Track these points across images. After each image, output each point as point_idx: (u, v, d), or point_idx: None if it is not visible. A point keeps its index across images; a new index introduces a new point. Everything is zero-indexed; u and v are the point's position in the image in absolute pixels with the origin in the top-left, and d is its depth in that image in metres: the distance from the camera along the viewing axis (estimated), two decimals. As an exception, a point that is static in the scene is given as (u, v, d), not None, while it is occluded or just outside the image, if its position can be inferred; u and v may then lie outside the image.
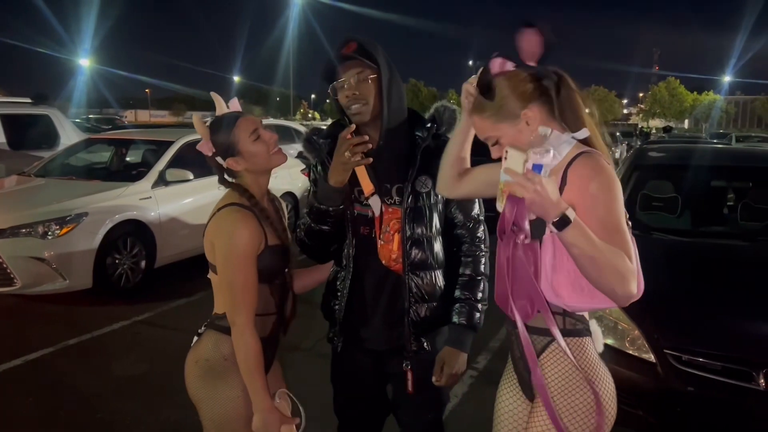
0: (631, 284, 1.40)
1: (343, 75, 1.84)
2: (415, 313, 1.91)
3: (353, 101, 1.84)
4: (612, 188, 1.45)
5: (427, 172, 1.90)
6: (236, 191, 1.82)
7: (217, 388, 1.79)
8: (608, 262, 1.38)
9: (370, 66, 1.82)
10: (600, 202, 1.44)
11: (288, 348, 4.17)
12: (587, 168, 1.46)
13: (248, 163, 1.82)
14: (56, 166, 6.91)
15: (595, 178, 1.45)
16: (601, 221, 1.43)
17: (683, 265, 3.47)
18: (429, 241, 1.92)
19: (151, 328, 4.98)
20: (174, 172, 6.14)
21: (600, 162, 1.47)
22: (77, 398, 3.74)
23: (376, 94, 1.83)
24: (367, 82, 1.82)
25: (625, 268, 1.39)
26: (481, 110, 1.55)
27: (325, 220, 1.90)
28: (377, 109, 1.85)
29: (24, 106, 9.02)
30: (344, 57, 1.83)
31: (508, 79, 1.52)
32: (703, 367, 2.72)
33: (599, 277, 1.40)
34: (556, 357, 1.59)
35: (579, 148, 1.54)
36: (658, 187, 4.52)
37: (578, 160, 1.48)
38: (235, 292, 1.73)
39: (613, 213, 1.43)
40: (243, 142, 1.80)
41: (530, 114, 1.51)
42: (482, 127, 1.57)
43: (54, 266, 5.12)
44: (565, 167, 1.50)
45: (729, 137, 24.42)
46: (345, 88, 1.84)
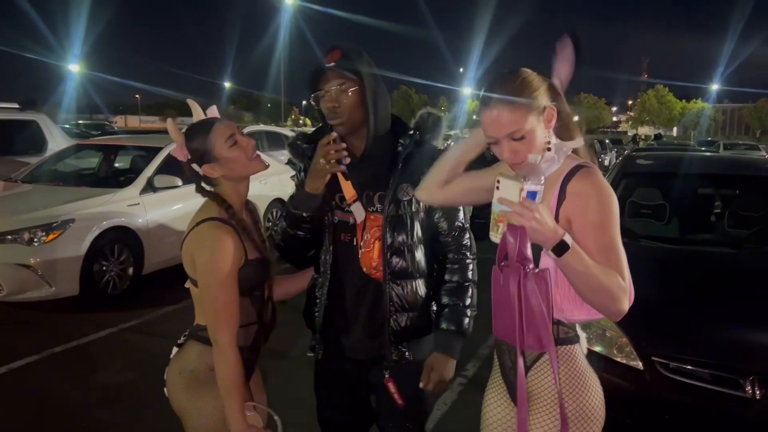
0: (623, 303, 1.44)
1: (325, 85, 1.83)
2: (395, 322, 1.90)
3: (333, 113, 1.83)
4: (610, 207, 1.47)
5: (408, 180, 1.89)
6: (215, 202, 1.78)
7: (203, 398, 1.77)
8: (600, 283, 1.42)
9: (352, 78, 1.81)
10: (598, 221, 1.46)
11: (276, 356, 4.15)
12: (587, 185, 1.48)
13: (225, 169, 1.78)
14: (44, 172, 6.86)
15: (595, 197, 1.47)
16: (597, 239, 1.46)
17: (671, 272, 3.48)
18: (410, 250, 1.91)
19: (138, 336, 4.94)
20: (162, 179, 6.10)
21: (599, 179, 1.49)
22: (62, 407, 3.70)
23: (357, 105, 1.82)
24: (347, 93, 1.81)
25: (616, 288, 1.42)
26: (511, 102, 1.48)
27: (300, 225, 1.89)
28: (359, 119, 1.84)
29: (11, 111, 8.95)
30: (327, 67, 1.82)
31: (538, 75, 1.53)
32: (691, 375, 2.72)
33: (591, 296, 1.45)
34: (548, 366, 1.60)
35: (573, 159, 1.55)
36: (647, 195, 4.54)
37: (578, 175, 1.50)
38: (218, 310, 1.70)
39: (610, 231, 1.46)
40: (219, 148, 1.75)
41: (552, 112, 1.52)
42: (512, 119, 1.47)
43: (40, 273, 5.06)
44: (562, 180, 1.51)
45: (717, 145, 24.70)
46: (326, 99, 1.83)
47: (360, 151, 1.91)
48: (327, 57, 1.83)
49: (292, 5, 48.18)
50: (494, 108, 1.49)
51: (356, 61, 1.82)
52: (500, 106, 1.48)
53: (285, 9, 48.94)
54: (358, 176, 1.90)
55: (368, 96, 1.82)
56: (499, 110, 1.48)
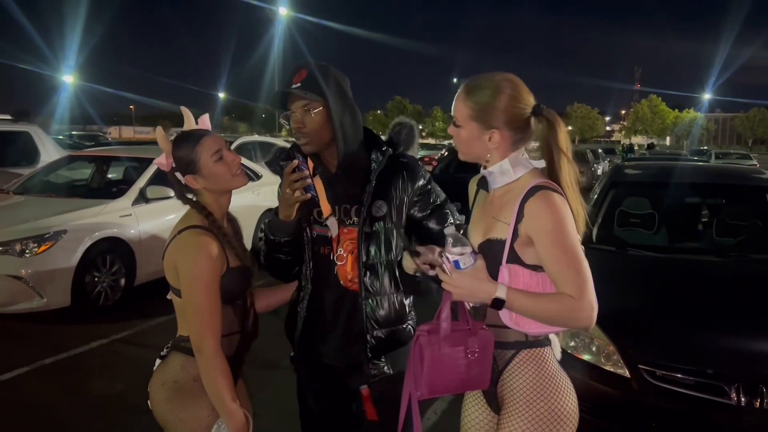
0: (580, 321, 1.52)
1: (290, 106, 1.85)
2: (371, 337, 1.91)
3: (299, 134, 1.85)
4: (564, 226, 1.54)
5: (382, 196, 1.91)
6: (196, 210, 1.81)
7: (187, 409, 1.78)
8: (550, 314, 1.54)
9: (316, 99, 1.82)
10: (554, 239, 1.53)
11: (267, 365, 4.14)
12: (542, 207, 1.55)
13: (207, 182, 1.81)
14: (36, 183, 6.86)
15: (549, 219, 1.54)
16: (554, 257, 1.53)
17: (658, 280, 3.52)
18: (384, 267, 1.92)
19: (129, 347, 4.93)
20: (155, 190, 6.11)
21: (552, 200, 1.56)
22: (52, 419, 3.69)
23: (323, 124, 1.84)
24: (311, 114, 1.82)
25: (569, 312, 1.51)
26: (472, 95, 1.63)
27: (279, 249, 1.93)
28: (326, 137, 1.86)
29: (4, 122, 8.96)
30: (289, 90, 1.83)
31: (516, 93, 1.62)
32: (677, 382, 2.75)
33: (548, 323, 1.57)
34: (520, 369, 1.64)
35: (535, 176, 1.63)
36: (635, 204, 4.58)
37: (535, 196, 1.57)
38: (202, 318, 1.71)
39: (566, 250, 1.53)
40: (204, 161, 1.78)
41: (496, 137, 1.62)
42: (459, 108, 1.66)
43: (31, 284, 5.06)
44: (521, 199, 1.58)
45: (708, 154, 24.87)
46: (293, 120, 1.86)
47: (334, 166, 1.92)
48: (294, 77, 1.85)
49: (286, 16, 48.36)
50: (461, 88, 1.68)
51: (322, 80, 1.83)
52: (461, 92, 1.67)
53: (279, 20, 49.11)
54: (334, 191, 1.93)
55: (334, 115, 1.83)
56: (459, 94, 1.67)
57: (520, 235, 1.57)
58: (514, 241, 1.58)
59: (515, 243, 1.58)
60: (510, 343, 1.65)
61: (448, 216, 2.02)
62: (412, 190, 1.96)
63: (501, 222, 1.62)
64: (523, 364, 1.64)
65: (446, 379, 1.59)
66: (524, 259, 1.58)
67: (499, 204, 1.67)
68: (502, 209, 1.64)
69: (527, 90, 1.64)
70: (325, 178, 1.92)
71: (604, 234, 4.17)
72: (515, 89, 1.62)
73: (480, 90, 1.62)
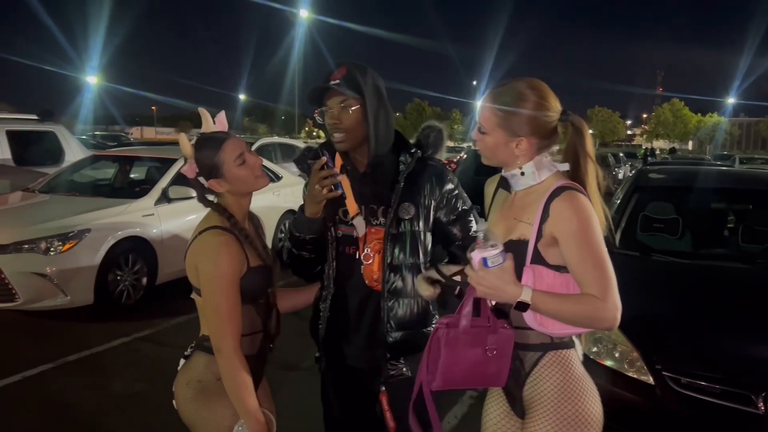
0: (604, 322, 1.51)
1: (328, 102, 1.87)
2: (392, 338, 1.91)
3: (335, 130, 1.87)
4: (590, 227, 1.54)
5: (410, 198, 1.92)
6: (217, 212, 1.83)
7: (211, 408, 1.79)
8: (575, 316, 1.52)
9: (354, 96, 1.83)
10: (579, 240, 1.53)
11: (287, 367, 4.17)
12: (567, 207, 1.55)
13: (230, 185, 1.82)
14: (61, 182, 6.95)
15: (574, 218, 1.54)
16: (579, 257, 1.53)
17: (683, 287, 3.47)
18: (409, 269, 1.92)
19: (151, 345, 4.98)
20: (177, 190, 6.16)
21: (578, 200, 1.56)
22: (76, 415, 3.74)
23: (358, 122, 1.85)
24: (349, 111, 1.84)
25: (594, 312, 1.50)
26: (498, 102, 1.63)
27: (303, 246, 1.93)
28: (361, 136, 1.87)
29: (30, 122, 9.10)
30: (328, 86, 1.85)
31: (543, 100, 1.61)
32: (702, 390, 2.70)
33: (573, 324, 1.56)
34: (546, 372, 1.63)
35: (558, 178, 1.63)
36: (659, 209, 4.52)
37: (560, 197, 1.56)
38: (222, 318, 1.72)
39: (592, 250, 1.52)
40: (227, 165, 1.80)
41: (524, 144, 1.62)
42: (486, 115, 1.65)
43: (56, 282, 5.13)
44: (546, 199, 1.58)
45: (733, 159, 24.48)
46: (328, 116, 1.87)
47: (363, 165, 1.94)
48: (333, 73, 1.87)
49: (307, 19, 48.61)
50: (486, 97, 1.67)
51: (360, 79, 1.85)
52: (488, 100, 1.66)
53: (300, 22, 49.38)
54: (361, 190, 1.93)
55: (369, 114, 1.85)
56: (486, 101, 1.66)
57: (544, 236, 1.57)
58: (537, 242, 1.58)
59: (539, 243, 1.58)
60: (535, 345, 1.64)
61: (472, 223, 2.02)
62: (440, 193, 1.96)
63: (524, 223, 1.62)
64: (549, 367, 1.63)
65: (462, 373, 1.59)
66: (548, 260, 1.58)
67: (520, 205, 1.67)
68: (524, 210, 1.64)
69: (554, 96, 1.64)
70: (353, 177, 1.93)
71: (627, 239, 4.12)
72: (542, 96, 1.61)
73: (507, 97, 1.62)
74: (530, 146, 1.63)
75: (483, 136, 1.67)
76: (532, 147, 1.63)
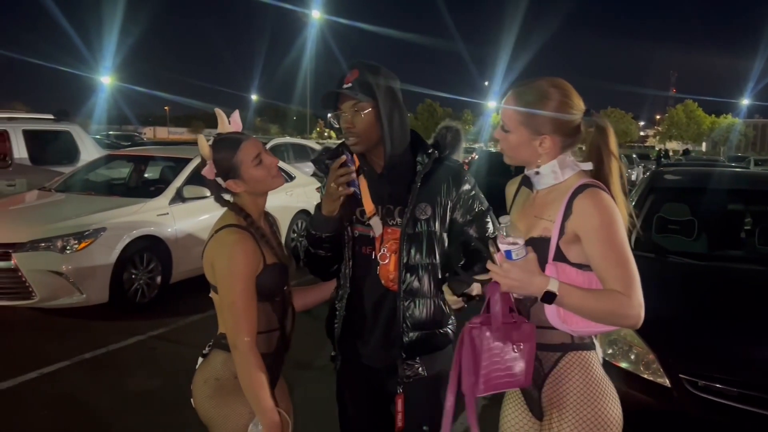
0: (629, 319, 1.49)
1: (341, 106, 1.87)
2: (408, 338, 1.91)
3: (348, 133, 1.87)
4: (613, 223, 1.53)
5: (427, 199, 1.91)
6: (233, 211, 1.84)
7: (229, 406, 1.80)
8: (600, 311, 1.50)
9: (366, 99, 1.83)
10: (602, 237, 1.52)
11: (300, 366, 4.18)
12: (591, 204, 1.54)
13: (247, 185, 1.84)
14: (76, 181, 7.03)
15: (597, 215, 1.53)
16: (602, 254, 1.52)
17: (699, 289, 3.44)
18: (426, 269, 1.92)
19: (165, 343, 5.02)
20: (191, 189, 6.21)
21: (602, 197, 1.55)
22: (91, 412, 3.77)
23: (372, 124, 1.85)
24: (361, 115, 1.84)
25: (619, 308, 1.48)
26: (522, 100, 1.62)
27: (320, 245, 1.93)
28: (375, 138, 1.87)
29: (46, 122, 9.18)
30: (340, 90, 1.85)
31: (567, 99, 1.61)
32: (720, 393, 2.68)
33: (597, 320, 1.53)
34: (566, 373, 1.63)
35: (581, 176, 1.62)
36: (674, 210, 4.49)
37: (583, 193, 1.56)
38: (237, 315, 1.74)
39: (615, 247, 1.51)
40: (245, 166, 1.81)
41: (547, 143, 1.62)
42: (509, 113, 1.65)
43: (72, 280, 5.18)
44: (569, 197, 1.57)
45: (747, 161, 24.23)
46: (342, 120, 1.87)
47: (379, 166, 1.94)
48: (345, 76, 1.87)
49: (319, 19, 48.73)
50: (509, 95, 1.66)
51: (373, 81, 1.84)
52: (512, 98, 1.65)
53: (311, 23, 49.52)
54: (378, 191, 1.93)
55: (383, 116, 1.84)
56: (509, 99, 1.65)
57: (566, 233, 1.56)
58: (559, 239, 1.57)
59: (561, 241, 1.57)
60: (556, 345, 1.63)
61: (488, 224, 2.01)
62: (457, 194, 1.96)
63: (545, 220, 1.62)
64: (569, 367, 1.62)
65: (498, 374, 1.57)
66: (570, 258, 1.57)
67: (542, 203, 1.67)
68: (546, 208, 1.64)
69: (577, 95, 1.64)
70: (370, 178, 1.93)
71: (642, 240, 4.10)
72: (566, 95, 1.61)
73: (530, 96, 1.62)
74: (554, 145, 1.62)
75: (506, 134, 1.66)
76: (555, 145, 1.63)
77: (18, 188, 7.80)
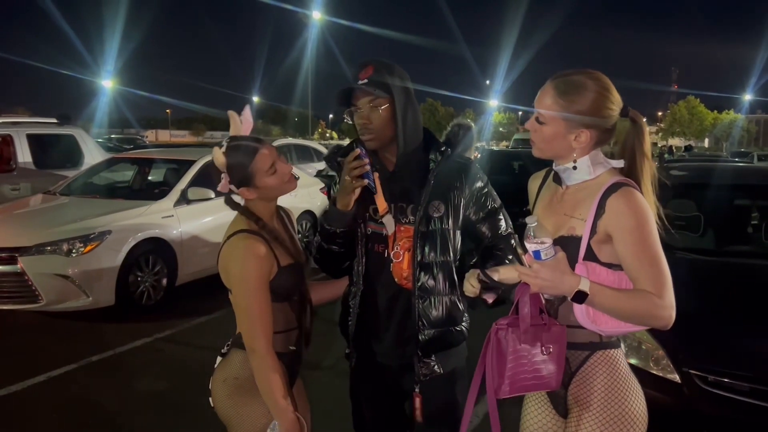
0: (660, 320, 1.47)
1: (357, 102, 1.87)
2: (423, 337, 1.91)
3: (365, 130, 1.87)
4: (647, 223, 1.51)
5: (440, 196, 1.91)
6: (244, 215, 1.84)
7: (247, 405, 1.80)
8: (632, 311, 1.48)
9: (383, 95, 1.83)
10: (635, 237, 1.50)
11: (310, 366, 4.15)
12: (624, 204, 1.52)
13: (261, 193, 1.84)
14: (80, 184, 7.04)
15: (631, 214, 1.51)
16: (635, 254, 1.50)
17: (707, 284, 3.43)
18: (440, 267, 1.91)
19: (172, 345, 5.01)
20: (196, 191, 6.21)
21: (636, 196, 1.53)
22: (99, 415, 3.77)
23: (388, 121, 1.85)
24: (378, 111, 1.84)
25: (651, 309, 1.47)
26: (562, 92, 1.57)
27: (333, 240, 1.92)
28: (390, 135, 1.87)
29: (50, 126, 9.20)
30: (357, 86, 1.84)
31: (607, 92, 1.58)
32: (730, 388, 2.67)
33: (628, 320, 1.52)
34: (593, 371, 1.62)
35: (613, 175, 1.60)
36: (681, 206, 4.47)
37: (617, 193, 1.54)
38: (252, 319, 1.74)
39: (648, 247, 1.49)
40: (260, 175, 1.81)
41: (584, 137, 1.58)
42: (547, 104, 1.59)
43: (78, 283, 5.19)
44: (601, 195, 1.55)
45: (751, 156, 24.16)
46: (358, 116, 1.87)
47: (392, 164, 1.94)
48: (360, 72, 1.86)
49: (320, 20, 48.74)
50: (548, 85, 1.60)
51: (388, 77, 1.84)
52: (551, 88, 1.59)
53: (312, 24, 49.52)
54: (391, 189, 1.93)
55: (398, 112, 1.84)
56: (547, 89, 1.60)
57: (597, 232, 1.54)
58: (590, 238, 1.55)
59: (592, 240, 1.55)
60: (584, 344, 1.62)
61: (501, 222, 2.01)
62: (469, 191, 1.96)
63: (576, 219, 1.59)
64: (596, 366, 1.62)
65: (525, 376, 1.56)
66: (600, 257, 1.56)
67: (572, 201, 1.64)
68: (577, 206, 1.61)
69: (615, 89, 1.61)
70: (382, 176, 1.93)
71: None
72: (606, 89, 1.58)
73: (572, 88, 1.57)
74: (590, 139, 1.59)
75: (540, 126, 1.61)
76: (591, 140, 1.59)
77: (22, 192, 7.81)
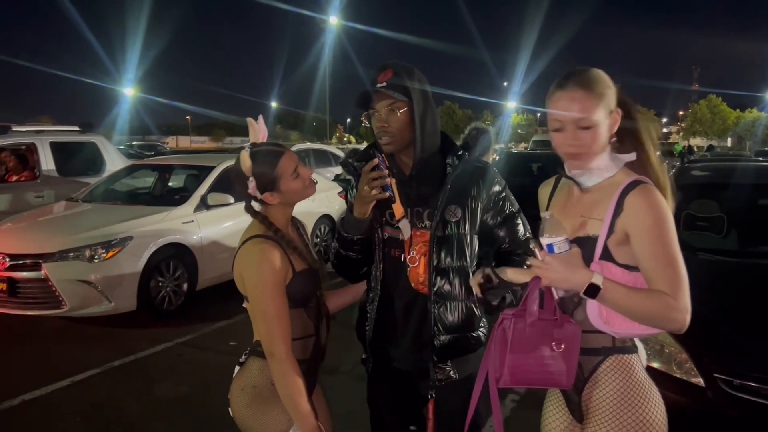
0: (674, 322, 1.45)
1: (375, 105, 1.87)
2: (439, 342, 1.89)
3: (383, 133, 1.87)
4: (665, 223, 1.49)
5: (456, 201, 1.90)
6: (259, 221, 1.84)
7: (267, 413, 1.80)
8: (645, 311, 1.46)
9: (402, 98, 1.83)
10: (653, 236, 1.48)
11: (327, 371, 4.16)
12: (643, 202, 1.50)
13: (283, 197, 1.85)
14: (102, 191, 7.13)
15: (650, 214, 1.49)
16: (652, 253, 1.48)
17: (731, 286, 3.38)
18: (456, 272, 1.90)
19: (193, 350, 5.05)
20: (215, 197, 6.26)
21: (655, 195, 1.51)
22: (122, 419, 3.81)
23: (406, 124, 1.85)
24: (396, 114, 1.84)
25: (665, 310, 1.44)
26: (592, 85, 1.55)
27: (351, 246, 1.93)
28: (408, 138, 1.87)
29: (72, 134, 9.32)
30: (376, 89, 1.85)
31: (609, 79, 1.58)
32: (757, 392, 2.62)
33: (641, 321, 1.49)
34: (607, 376, 1.60)
35: (628, 173, 1.58)
36: (703, 207, 4.40)
37: (635, 191, 1.52)
38: (270, 323, 1.74)
39: (666, 248, 1.47)
40: (284, 179, 1.82)
41: (616, 116, 1.58)
42: (585, 106, 1.53)
43: (100, 289, 5.25)
44: (619, 194, 1.53)
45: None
46: (376, 119, 1.87)
47: (409, 168, 1.93)
48: (379, 76, 1.86)
49: (337, 25, 48.96)
50: (570, 90, 1.54)
51: (407, 81, 1.84)
52: (576, 89, 1.53)
53: (329, 29, 49.76)
54: (407, 193, 1.92)
55: (416, 116, 1.84)
56: (575, 93, 1.53)
57: (615, 231, 1.53)
58: (608, 238, 1.53)
59: (609, 240, 1.53)
60: (597, 349, 1.60)
61: (519, 226, 1.99)
62: (487, 196, 1.94)
63: (593, 219, 1.58)
64: (610, 371, 1.59)
65: (529, 369, 1.54)
66: (617, 258, 1.54)
67: (589, 202, 1.62)
68: (594, 206, 1.60)
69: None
70: (399, 180, 1.92)
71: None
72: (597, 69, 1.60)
73: (595, 77, 1.57)
74: (615, 122, 1.58)
75: (587, 131, 1.54)
76: (615, 123, 1.59)
77: (46, 199, 7.93)
